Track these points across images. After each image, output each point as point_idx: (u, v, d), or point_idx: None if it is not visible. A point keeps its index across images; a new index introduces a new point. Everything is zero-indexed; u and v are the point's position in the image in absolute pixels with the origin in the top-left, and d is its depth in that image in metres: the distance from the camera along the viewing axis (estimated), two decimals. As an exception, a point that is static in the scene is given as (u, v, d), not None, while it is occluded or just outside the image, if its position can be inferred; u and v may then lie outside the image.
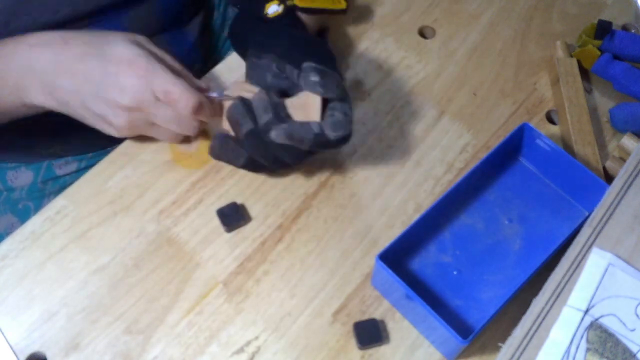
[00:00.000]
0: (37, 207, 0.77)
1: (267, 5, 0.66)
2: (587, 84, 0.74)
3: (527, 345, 0.51)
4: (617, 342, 0.52)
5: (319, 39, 0.69)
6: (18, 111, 0.62)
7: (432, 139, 0.69)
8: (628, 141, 0.67)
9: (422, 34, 0.78)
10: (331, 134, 0.57)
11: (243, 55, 0.66)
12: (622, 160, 0.66)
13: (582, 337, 0.52)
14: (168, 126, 0.61)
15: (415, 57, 0.75)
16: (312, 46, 0.63)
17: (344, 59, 0.74)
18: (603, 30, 0.72)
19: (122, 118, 0.59)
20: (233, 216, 0.62)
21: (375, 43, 0.76)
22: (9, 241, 0.61)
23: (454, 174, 0.67)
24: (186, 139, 0.65)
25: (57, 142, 0.77)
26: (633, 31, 0.79)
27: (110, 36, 0.60)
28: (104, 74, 0.58)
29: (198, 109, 0.60)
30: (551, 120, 0.72)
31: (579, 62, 0.73)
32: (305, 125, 0.57)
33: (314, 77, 0.57)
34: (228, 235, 0.62)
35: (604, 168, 0.67)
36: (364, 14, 0.78)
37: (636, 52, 0.72)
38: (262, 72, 0.61)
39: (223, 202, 0.64)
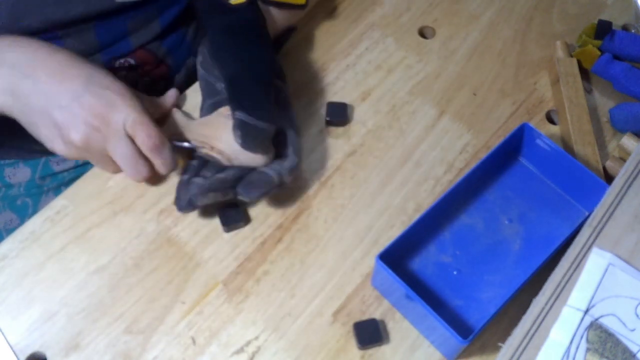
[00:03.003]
0: (36, 204, 0.77)
1: None
2: (587, 84, 0.74)
3: (527, 345, 0.51)
4: (617, 342, 0.52)
5: (268, 58, 0.67)
6: None
7: (432, 139, 0.69)
8: (628, 141, 0.67)
9: (422, 34, 0.78)
10: (287, 178, 0.60)
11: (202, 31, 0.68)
12: (622, 160, 0.66)
13: (582, 337, 0.52)
14: (120, 161, 0.59)
15: (415, 57, 0.75)
16: (255, 76, 0.63)
17: (344, 58, 0.74)
18: (603, 30, 0.73)
19: (81, 133, 0.56)
20: (233, 216, 0.62)
21: (375, 43, 0.76)
22: (9, 241, 0.61)
23: (454, 174, 0.67)
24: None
25: None
26: (633, 31, 0.79)
27: (97, 66, 0.60)
28: (84, 90, 0.57)
29: (158, 148, 0.59)
30: (551, 120, 0.72)
31: (579, 62, 0.73)
32: (263, 175, 0.60)
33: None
34: (228, 235, 0.62)
35: (604, 168, 0.67)
36: (364, 14, 0.78)
37: (636, 52, 0.72)
38: (213, 79, 0.64)
39: (223, 202, 0.64)
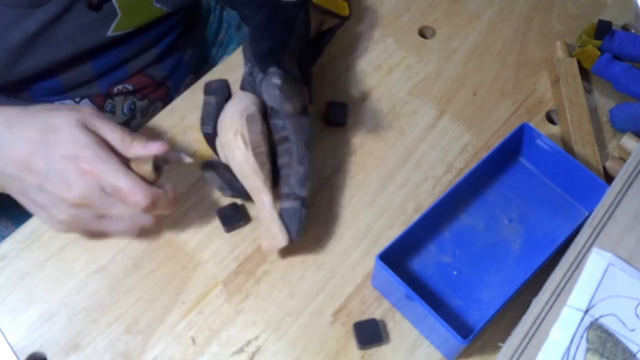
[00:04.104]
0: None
1: None
2: (587, 84, 0.74)
3: (527, 345, 0.51)
4: (617, 342, 0.52)
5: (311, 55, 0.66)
6: None
7: (432, 139, 0.69)
8: (628, 141, 0.67)
9: (422, 34, 0.78)
10: (301, 191, 0.58)
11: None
12: (622, 160, 0.66)
13: (582, 337, 0.52)
14: (119, 220, 0.56)
15: (415, 57, 0.75)
16: (299, 52, 0.61)
17: (344, 59, 0.74)
18: (603, 30, 0.72)
19: (66, 213, 0.54)
20: (233, 216, 0.62)
21: (375, 43, 0.76)
22: (9, 241, 0.61)
23: (454, 174, 0.67)
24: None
25: None
26: (633, 31, 0.79)
27: (55, 118, 0.55)
28: (48, 168, 0.53)
29: (152, 206, 0.54)
30: (551, 120, 0.72)
31: (579, 62, 0.73)
32: (288, 212, 0.58)
33: (276, 80, 0.54)
34: (228, 235, 0.62)
35: (604, 168, 0.67)
36: (364, 14, 0.78)
37: (636, 52, 0.72)
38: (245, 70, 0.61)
39: (223, 202, 0.64)
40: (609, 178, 0.66)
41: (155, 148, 0.56)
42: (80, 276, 0.60)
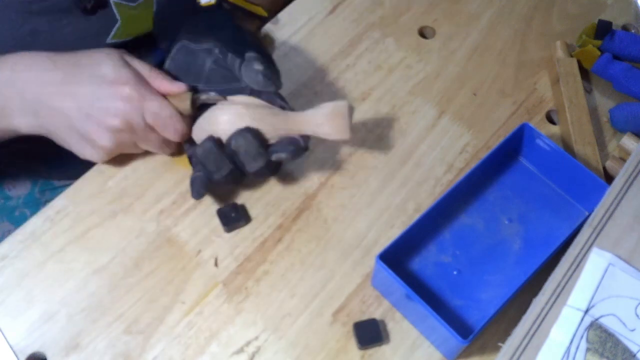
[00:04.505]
0: (34, 215, 0.77)
1: None
2: (587, 84, 0.74)
3: (527, 345, 0.51)
4: (617, 342, 0.52)
5: (256, 35, 0.68)
6: None
7: (432, 139, 0.69)
8: (628, 141, 0.67)
9: (422, 34, 0.78)
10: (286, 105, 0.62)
11: (169, 43, 0.65)
12: (622, 160, 0.66)
13: (582, 337, 0.52)
14: (150, 148, 0.63)
15: (415, 57, 0.75)
16: (255, 40, 0.64)
17: (344, 59, 0.74)
18: (603, 30, 0.73)
19: (109, 140, 0.59)
20: (233, 216, 0.62)
21: (375, 43, 0.76)
22: (9, 241, 0.61)
23: (454, 174, 0.67)
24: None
25: (55, 168, 0.78)
26: (633, 31, 0.79)
27: (96, 55, 0.60)
28: (94, 96, 0.58)
29: (185, 136, 0.62)
30: (551, 120, 0.72)
31: (579, 62, 0.73)
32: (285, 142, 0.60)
33: (257, 66, 0.58)
34: (228, 235, 0.62)
35: (604, 168, 0.67)
36: (364, 14, 0.78)
37: (636, 52, 0.72)
38: (201, 58, 0.62)
39: (223, 202, 0.64)
40: (609, 178, 0.66)
41: (180, 86, 0.61)
42: (80, 276, 0.60)
